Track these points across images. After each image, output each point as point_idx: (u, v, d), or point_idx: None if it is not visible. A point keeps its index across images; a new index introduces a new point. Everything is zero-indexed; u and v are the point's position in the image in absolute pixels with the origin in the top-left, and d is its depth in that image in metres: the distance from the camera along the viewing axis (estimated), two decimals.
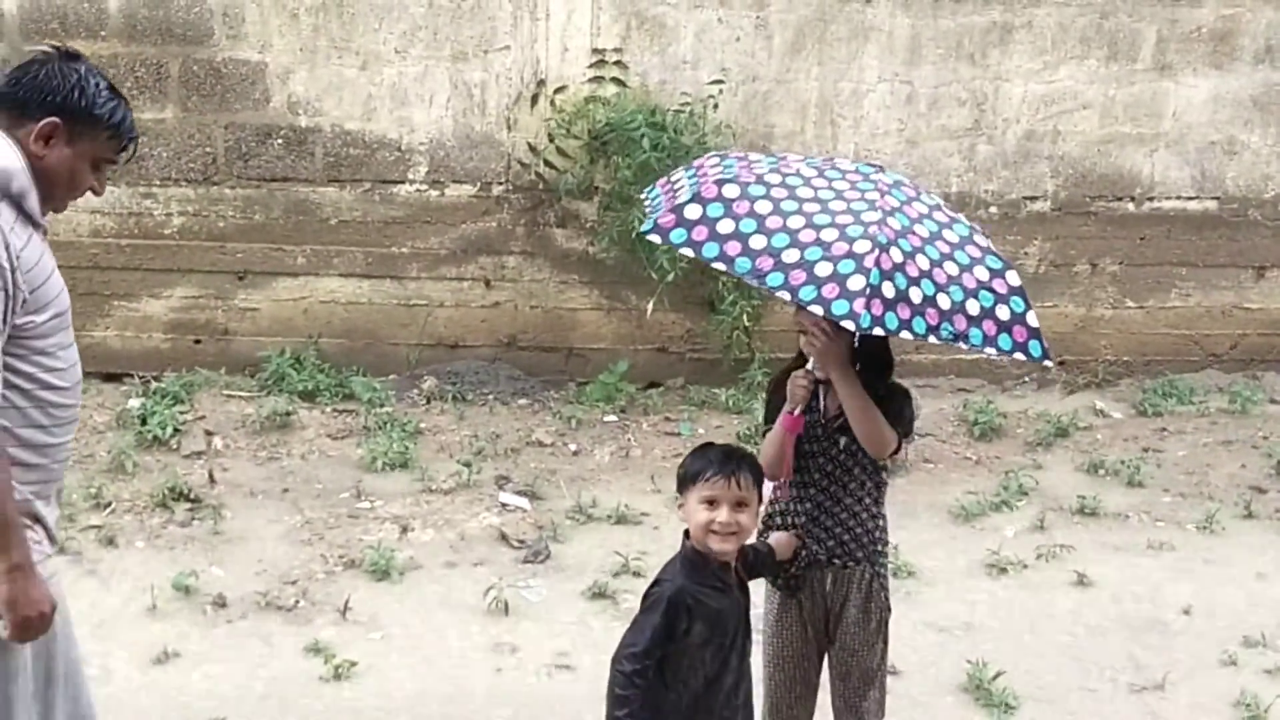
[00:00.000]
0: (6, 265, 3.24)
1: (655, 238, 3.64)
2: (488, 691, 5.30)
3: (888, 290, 3.51)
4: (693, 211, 3.64)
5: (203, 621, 5.63)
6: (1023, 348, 3.72)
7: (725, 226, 3.62)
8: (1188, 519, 6.90)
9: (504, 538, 6.48)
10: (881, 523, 4.15)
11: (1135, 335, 8.61)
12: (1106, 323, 8.57)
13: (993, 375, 8.52)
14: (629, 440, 7.60)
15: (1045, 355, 3.76)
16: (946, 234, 3.79)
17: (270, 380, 7.89)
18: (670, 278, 7.73)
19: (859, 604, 4.13)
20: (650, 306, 7.98)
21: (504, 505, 6.79)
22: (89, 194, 3.55)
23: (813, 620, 4.17)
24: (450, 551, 6.35)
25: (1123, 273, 8.50)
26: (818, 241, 3.58)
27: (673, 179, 3.93)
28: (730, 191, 3.68)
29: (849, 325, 3.46)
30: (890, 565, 4.26)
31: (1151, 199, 8.45)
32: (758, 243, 3.60)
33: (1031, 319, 3.77)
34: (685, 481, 3.72)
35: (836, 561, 4.09)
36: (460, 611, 5.85)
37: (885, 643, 4.24)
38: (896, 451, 4.03)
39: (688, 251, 3.64)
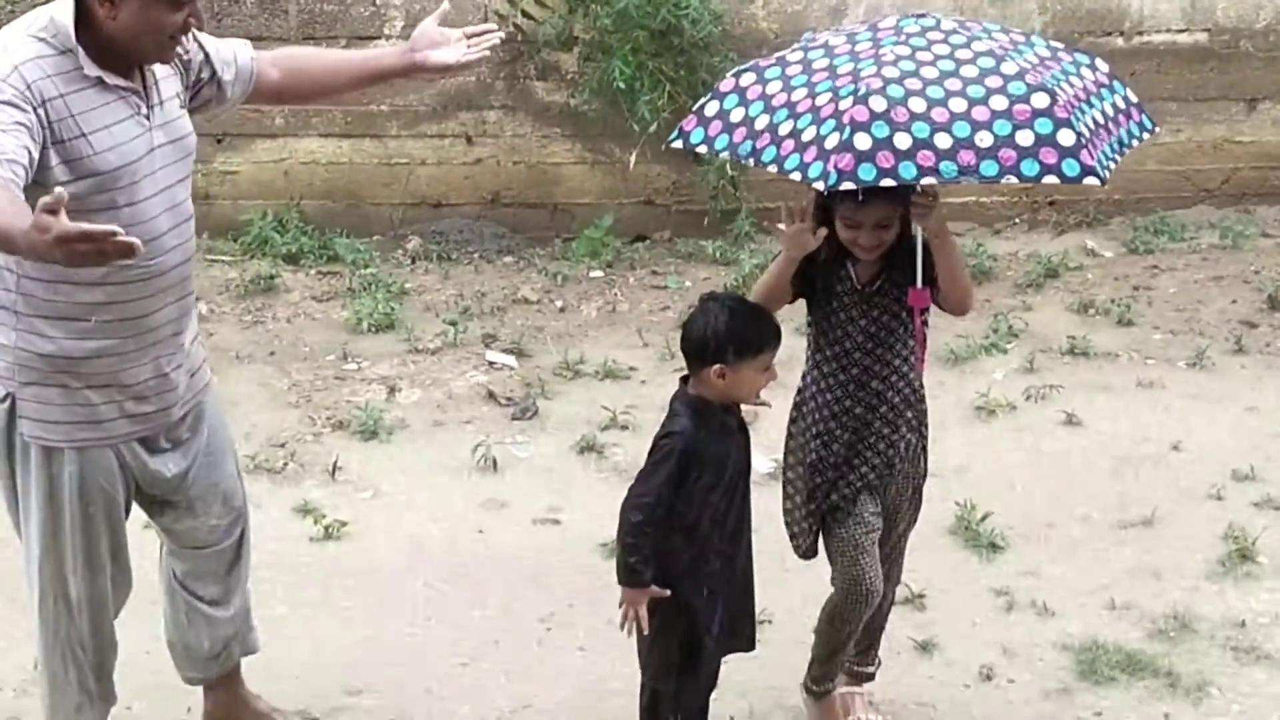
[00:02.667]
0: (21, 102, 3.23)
1: (888, 181, 3.41)
2: (477, 547, 5.34)
3: (1083, 129, 3.47)
4: (903, 141, 3.41)
5: None
6: (1142, 125, 3.79)
7: (943, 140, 3.42)
8: (1178, 356, 6.88)
9: (491, 396, 6.47)
10: (921, 384, 4.06)
11: (1126, 172, 8.37)
12: None
13: (983, 218, 8.44)
14: (615, 295, 7.56)
15: (1153, 122, 3.86)
16: (1042, 53, 3.72)
17: (253, 244, 7.82)
18: (653, 129, 7.63)
19: (905, 472, 4.06)
20: (633, 159, 7.88)
21: (491, 363, 6.78)
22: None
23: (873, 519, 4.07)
24: (438, 411, 6.34)
25: None
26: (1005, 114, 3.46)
27: (819, 138, 3.49)
28: (917, 105, 3.44)
29: (1092, 181, 3.39)
30: None
31: (1141, 33, 8.29)
32: (983, 139, 3.44)
33: (1131, 94, 3.81)
34: (740, 350, 3.67)
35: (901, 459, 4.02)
36: (449, 469, 5.86)
37: (918, 509, 4.19)
38: None
39: (930, 180, 3.46)
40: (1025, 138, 3.42)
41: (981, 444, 6.07)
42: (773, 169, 3.56)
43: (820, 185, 3.42)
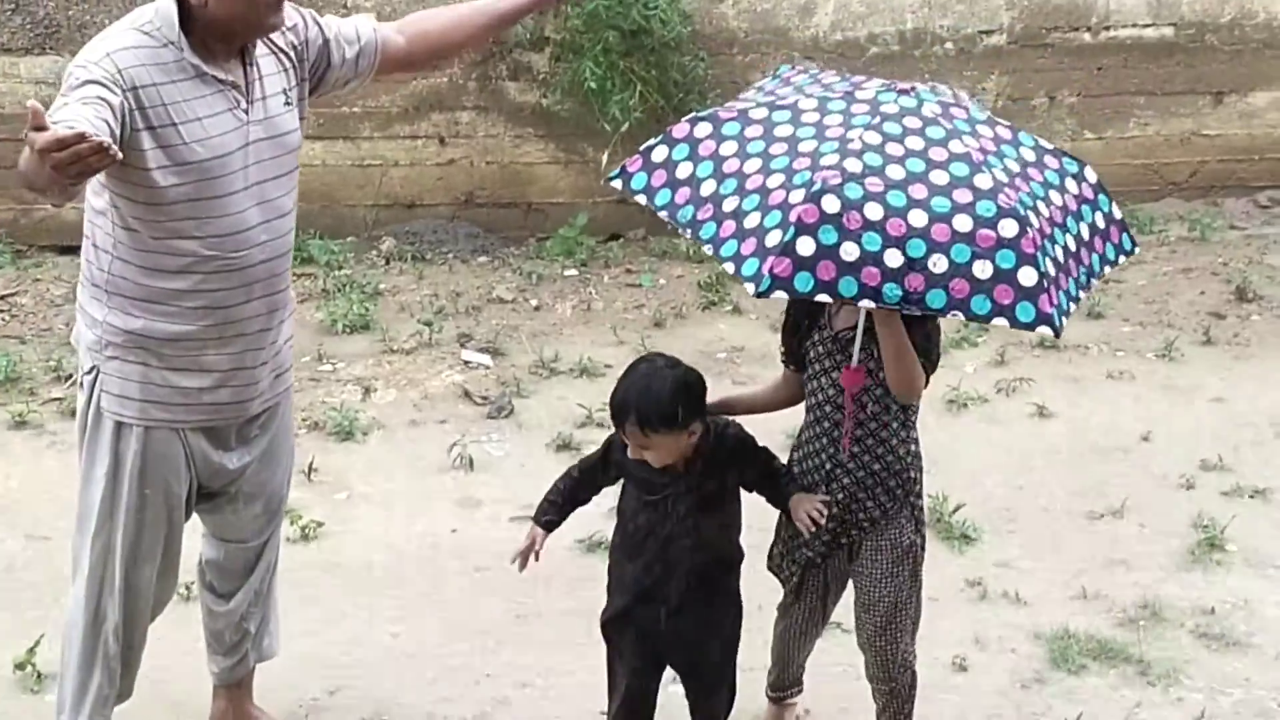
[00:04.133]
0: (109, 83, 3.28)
1: (824, 296, 3.20)
2: (454, 545, 5.36)
3: (1049, 266, 3.21)
4: (850, 251, 3.17)
5: None
6: (1120, 247, 3.55)
7: (894, 258, 3.17)
8: (1147, 348, 6.95)
9: (467, 395, 6.50)
10: (913, 447, 3.80)
11: (1095, 166, 8.46)
12: None
13: None
14: (590, 293, 7.59)
15: (1133, 242, 3.60)
16: (1027, 156, 3.46)
17: None
18: (625, 128, 7.67)
19: (886, 535, 3.81)
20: (606, 157, 7.91)
21: (466, 363, 6.80)
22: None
23: (836, 579, 3.99)
24: (413, 410, 6.37)
25: (1081, 104, 8.44)
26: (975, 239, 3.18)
27: (761, 230, 3.22)
28: (873, 212, 3.18)
29: (1045, 331, 3.17)
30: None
31: (1108, 28, 8.35)
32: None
33: (1116, 210, 3.56)
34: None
35: (871, 523, 3.79)
36: (425, 469, 5.89)
37: (903, 579, 3.84)
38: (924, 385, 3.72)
39: (868, 304, 3.24)
40: (983, 269, 3.14)
41: (953, 436, 6.12)
42: (708, 249, 3.30)
43: (750, 288, 3.17)
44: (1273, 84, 8.55)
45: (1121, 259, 3.54)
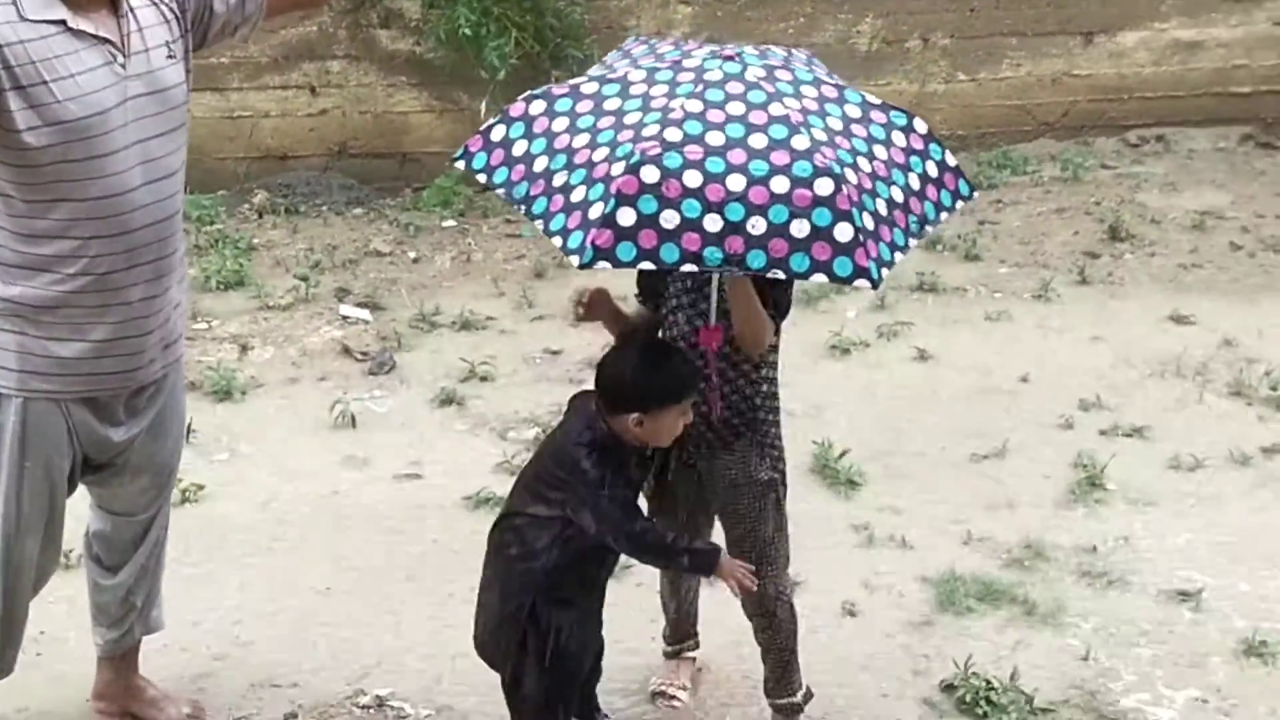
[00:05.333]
0: None
1: (646, 264, 3.19)
2: (338, 505, 5.28)
3: (867, 221, 3.21)
4: (670, 219, 3.17)
5: None
6: (956, 193, 3.52)
7: (713, 223, 3.18)
8: (1024, 288, 7.03)
9: (347, 351, 6.40)
10: (765, 388, 3.83)
11: (969, 108, 8.65)
12: (940, 97, 8.58)
13: None
14: (469, 245, 7.51)
15: (971, 187, 3.59)
16: (852, 113, 3.44)
17: None
18: (501, 75, 7.58)
19: (732, 466, 3.85)
20: (484, 106, 7.81)
21: (345, 318, 6.70)
22: None
23: (695, 506, 4.00)
24: (292, 368, 6.26)
25: (954, 45, 8.49)
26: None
27: (585, 203, 3.25)
28: (692, 180, 3.18)
29: (863, 284, 3.17)
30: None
31: None
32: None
33: (950, 158, 3.52)
34: (663, 399, 3.54)
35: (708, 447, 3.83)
36: (306, 427, 5.80)
37: (777, 509, 3.92)
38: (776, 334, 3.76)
39: (690, 268, 3.23)
40: (800, 228, 3.18)
41: (836, 382, 6.15)
42: (539, 225, 3.34)
43: (575, 260, 3.21)
44: (1140, 24, 8.68)
45: (959, 204, 3.55)
